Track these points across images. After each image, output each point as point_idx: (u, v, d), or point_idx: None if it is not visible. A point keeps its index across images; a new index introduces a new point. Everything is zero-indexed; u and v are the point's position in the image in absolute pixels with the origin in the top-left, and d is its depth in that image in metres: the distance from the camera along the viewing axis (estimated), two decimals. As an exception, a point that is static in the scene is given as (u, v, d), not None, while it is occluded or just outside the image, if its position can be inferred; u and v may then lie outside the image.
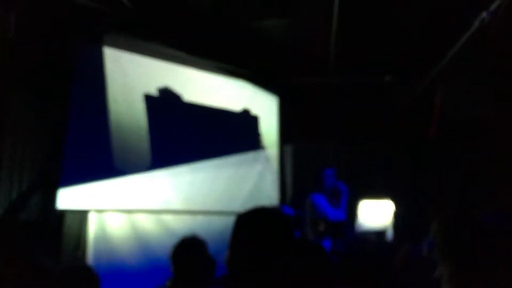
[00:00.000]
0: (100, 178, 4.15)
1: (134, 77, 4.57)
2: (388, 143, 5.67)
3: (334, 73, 5.45)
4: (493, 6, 3.88)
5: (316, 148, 5.80)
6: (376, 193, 4.58)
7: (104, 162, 4.23)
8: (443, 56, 4.99)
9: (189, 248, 2.34)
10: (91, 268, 2.30)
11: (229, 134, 5.26)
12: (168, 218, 4.60)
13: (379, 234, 4.03)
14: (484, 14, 4.03)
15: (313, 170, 4.99)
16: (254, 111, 5.61)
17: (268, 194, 5.49)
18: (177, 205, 4.64)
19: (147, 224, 4.47)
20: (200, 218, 4.77)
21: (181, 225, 4.55)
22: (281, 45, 5.20)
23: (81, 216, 4.12)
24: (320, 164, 5.45)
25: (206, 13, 4.53)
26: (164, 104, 4.79)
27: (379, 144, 5.75)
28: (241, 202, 5.05)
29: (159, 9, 4.45)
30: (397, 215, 4.13)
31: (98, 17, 4.25)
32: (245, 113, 5.51)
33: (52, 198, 3.87)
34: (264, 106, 5.76)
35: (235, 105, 5.43)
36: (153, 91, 4.71)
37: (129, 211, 4.38)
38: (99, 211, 4.19)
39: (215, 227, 4.51)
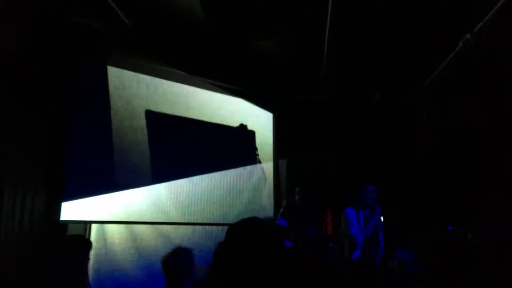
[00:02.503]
0: (102, 191, 4.28)
1: (135, 94, 4.75)
2: (379, 157, 5.83)
3: (326, 90, 5.66)
4: (476, 28, 4.13)
5: (311, 162, 5.97)
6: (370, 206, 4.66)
7: (106, 176, 4.36)
8: (429, 74, 5.22)
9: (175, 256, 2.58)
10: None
11: (226, 149, 5.42)
12: (167, 229, 4.74)
13: None
14: (468, 36, 4.28)
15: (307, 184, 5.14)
16: (250, 127, 5.80)
17: (264, 206, 5.64)
18: (176, 216, 4.78)
19: (147, 235, 4.60)
20: (198, 229, 4.92)
21: (179, 236, 4.69)
22: (276, 64, 5.39)
23: (83, 227, 4.26)
24: (314, 177, 5.64)
25: (204, 32, 4.70)
26: (164, 120, 4.95)
27: (370, 157, 5.91)
28: (238, 214, 5.19)
29: (159, 28, 4.60)
30: (386, 227, 4.25)
31: (99, 36, 4.41)
32: (242, 129, 5.69)
33: (55, 210, 3.99)
34: (260, 122, 5.95)
35: (232, 121, 5.62)
36: (154, 107, 4.89)
37: (129, 223, 4.50)
38: (100, 222, 4.32)
39: (212, 238, 4.67)
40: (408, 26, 4.45)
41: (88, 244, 3.07)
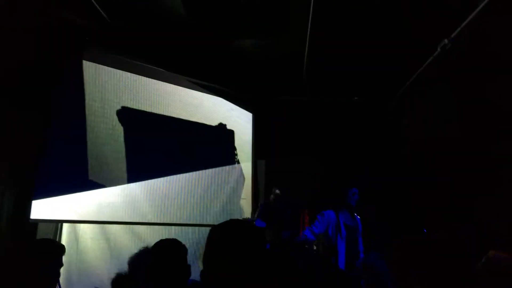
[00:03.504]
0: (74, 190, 4.16)
1: (112, 91, 4.64)
2: (358, 159, 5.88)
3: (306, 92, 5.68)
4: (454, 33, 4.21)
5: (289, 164, 5.97)
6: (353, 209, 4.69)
7: (78, 174, 4.23)
8: (408, 78, 5.31)
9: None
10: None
11: (204, 148, 5.37)
12: (142, 230, 4.65)
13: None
14: (446, 41, 4.37)
15: (285, 185, 5.13)
16: (229, 126, 5.75)
17: (241, 207, 5.60)
18: (151, 217, 4.69)
19: (121, 235, 4.50)
20: (174, 230, 4.83)
21: (155, 237, 4.59)
22: (257, 64, 5.38)
23: (54, 227, 4.12)
24: (293, 179, 5.64)
25: (184, 30, 4.65)
26: (140, 118, 4.86)
27: (350, 160, 5.96)
28: (215, 215, 5.15)
29: (139, 25, 4.53)
30: (364, 229, 4.29)
31: (78, 31, 4.31)
32: (221, 128, 5.65)
33: (25, 209, 3.85)
34: (239, 122, 5.91)
35: (211, 121, 5.56)
36: (130, 104, 4.79)
37: (102, 222, 4.40)
38: (72, 221, 4.20)
39: (188, 238, 4.59)
40: (388, 30, 4.52)
41: (61, 249, 2.89)
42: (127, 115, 4.70)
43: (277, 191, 4.90)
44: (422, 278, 1.76)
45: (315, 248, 4.27)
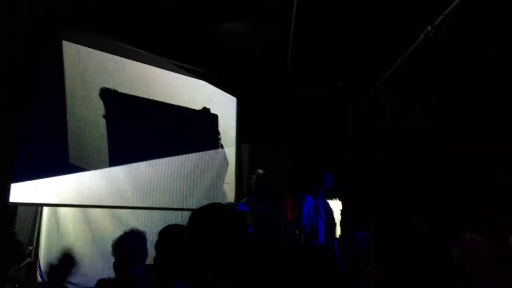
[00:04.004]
0: (54, 173, 4.10)
1: (93, 72, 4.56)
2: (340, 145, 5.94)
3: (291, 77, 5.67)
4: (437, 21, 4.25)
5: (273, 149, 5.99)
6: (328, 194, 4.77)
7: (59, 157, 4.17)
8: (391, 65, 5.35)
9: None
10: None
11: (188, 132, 5.33)
12: (124, 213, 4.62)
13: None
14: (429, 28, 4.40)
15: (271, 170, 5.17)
16: (213, 110, 5.71)
17: (225, 192, 5.62)
18: (133, 200, 4.66)
19: (102, 219, 4.47)
20: (156, 214, 4.83)
21: (137, 221, 4.58)
22: (241, 48, 5.33)
23: (34, 210, 4.08)
24: (276, 164, 5.67)
25: (167, 12, 4.57)
26: (123, 101, 4.79)
27: (331, 146, 6.02)
28: (198, 199, 5.15)
29: (120, 5, 4.42)
30: (344, 214, 4.36)
31: (58, 11, 4.19)
32: (205, 113, 5.61)
33: (4, 192, 3.78)
34: (223, 106, 5.88)
35: (195, 104, 5.51)
36: (112, 87, 4.71)
37: (83, 206, 4.35)
38: (52, 205, 4.15)
39: (171, 223, 4.58)
40: (371, 18, 4.52)
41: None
42: (109, 98, 4.62)
43: (260, 172, 4.93)
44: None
45: (297, 232, 4.33)
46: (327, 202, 4.19)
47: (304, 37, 4.76)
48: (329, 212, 4.23)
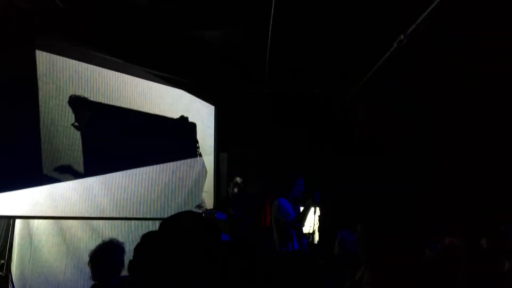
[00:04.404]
0: (27, 185, 3.98)
1: (67, 81, 4.47)
2: (319, 150, 6.01)
3: (268, 84, 5.72)
4: (410, 30, 4.36)
5: (251, 156, 6.01)
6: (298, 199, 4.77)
7: (32, 168, 4.05)
8: (366, 73, 5.46)
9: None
10: None
11: (165, 141, 5.28)
12: (100, 225, 4.53)
13: None
14: (401, 36, 4.51)
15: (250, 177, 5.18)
16: (191, 119, 5.68)
17: (204, 200, 5.58)
18: (109, 211, 4.58)
19: (78, 230, 4.37)
20: (134, 224, 4.75)
21: (113, 231, 4.50)
22: (219, 55, 5.34)
23: (6, 222, 3.96)
24: (255, 171, 5.67)
25: (143, 20, 4.54)
26: (98, 110, 4.71)
27: (310, 151, 6.08)
28: (176, 208, 5.10)
29: (94, 12, 4.35)
30: (322, 219, 4.38)
31: (30, 17, 4.11)
32: (183, 121, 5.57)
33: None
34: (201, 114, 5.86)
35: (172, 113, 5.47)
36: (88, 96, 4.63)
37: (58, 218, 4.25)
38: (25, 217, 4.04)
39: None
40: (347, 26, 4.61)
41: None
42: (84, 108, 4.54)
43: (237, 179, 4.93)
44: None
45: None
46: (296, 208, 4.19)
47: (281, 43, 4.81)
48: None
